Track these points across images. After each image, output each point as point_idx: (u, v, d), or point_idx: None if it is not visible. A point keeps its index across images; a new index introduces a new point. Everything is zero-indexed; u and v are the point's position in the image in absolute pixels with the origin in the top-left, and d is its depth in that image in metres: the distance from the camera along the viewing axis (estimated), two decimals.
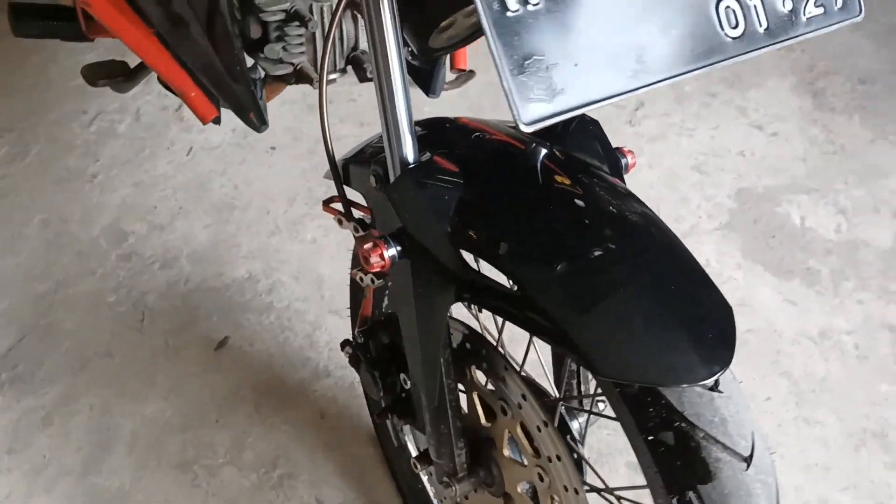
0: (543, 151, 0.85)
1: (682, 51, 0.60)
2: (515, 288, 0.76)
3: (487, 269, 0.78)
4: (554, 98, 0.57)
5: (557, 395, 1.00)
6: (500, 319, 0.94)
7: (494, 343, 0.93)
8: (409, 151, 0.83)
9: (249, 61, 1.13)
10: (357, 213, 0.98)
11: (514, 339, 0.95)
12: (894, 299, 1.62)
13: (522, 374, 0.91)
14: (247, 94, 1.08)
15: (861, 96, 2.01)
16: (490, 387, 0.95)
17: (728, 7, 0.60)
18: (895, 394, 1.44)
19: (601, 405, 0.95)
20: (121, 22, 1.00)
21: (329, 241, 1.69)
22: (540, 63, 0.55)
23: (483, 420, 0.99)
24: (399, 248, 0.82)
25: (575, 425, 0.97)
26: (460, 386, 0.96)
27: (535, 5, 0.54)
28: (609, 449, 1.34)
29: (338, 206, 1.03)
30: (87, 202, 1.72)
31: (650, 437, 0.73)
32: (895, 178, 1.82)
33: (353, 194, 0.98)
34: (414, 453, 1.29)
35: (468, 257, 0.81)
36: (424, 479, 1.25)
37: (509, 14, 0.54)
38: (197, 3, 1.01)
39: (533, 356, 0.97)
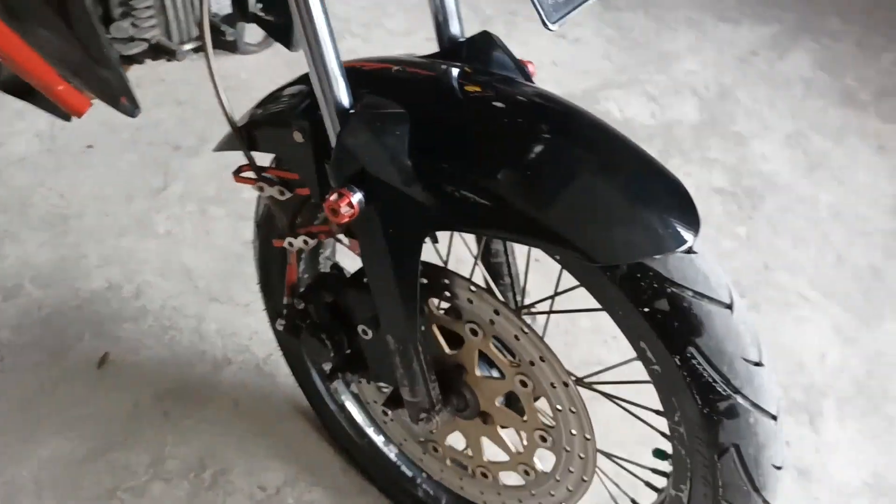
0: (456, 71, 0.87)
1: None
2: (487, 203, 0.78)
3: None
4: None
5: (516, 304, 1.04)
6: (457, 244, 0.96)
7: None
8: (345, 97, 0.81)
9: None
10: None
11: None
12: (714, 165, 1.80)
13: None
14: (117, 77, 0.99)
15: None
16: (451, 314, 0.97)
17: None
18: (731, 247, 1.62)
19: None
20: None
21: (184, 230, 1.59)
22: None
23: (447, 349, 1.00)
24: (363, 193, 0.81)
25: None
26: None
27: None
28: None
29: (250, 174, 0.99)
30: None
31: (646, 309, 0.79)
32: (686, 61, 2.01)
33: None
34: (357, 409, 1.29)
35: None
36: (388, 424, 1.23)
37: None
38: None
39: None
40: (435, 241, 0.99)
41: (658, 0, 2.17)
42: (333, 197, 0.80)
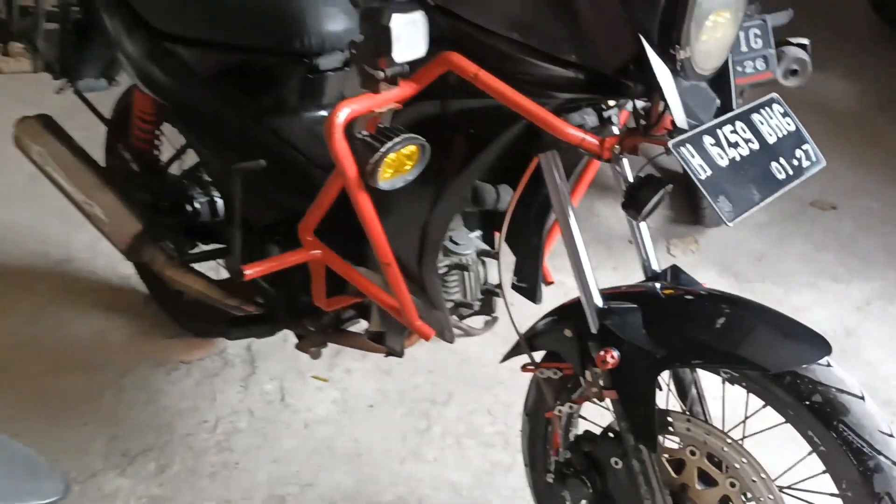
0: (659, 285, 1.46)
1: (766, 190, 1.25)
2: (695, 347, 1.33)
3: None
4: (735, 208, 1.18)
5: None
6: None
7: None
8: (599, 300, 1.40)
9: None
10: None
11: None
12: None
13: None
14: (445, 318, 1.62)
15: (763, 267, 2.78)
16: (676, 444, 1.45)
17: (777, 166, 1.27)
18: None
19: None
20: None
21: (446, 457, 2.14)
22: (725, 192, 1.18)
23: (672, 473, 1.47)
24: (618, 353, 1.37)
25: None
26: None
27: (712, 171, 1.18)
28: None
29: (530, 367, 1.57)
30: (242, 484, 2.10)
31: (807, 402, 1.27)
32: (812, 313, 2.54)
33: None
34: None
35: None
36: None
37: (704, 178, 1.17)
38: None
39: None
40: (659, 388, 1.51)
41: (780, 271, 2.75)
42: (601, 353, 1.36)
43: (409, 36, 1.19)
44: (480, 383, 2.36)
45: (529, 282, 1.76)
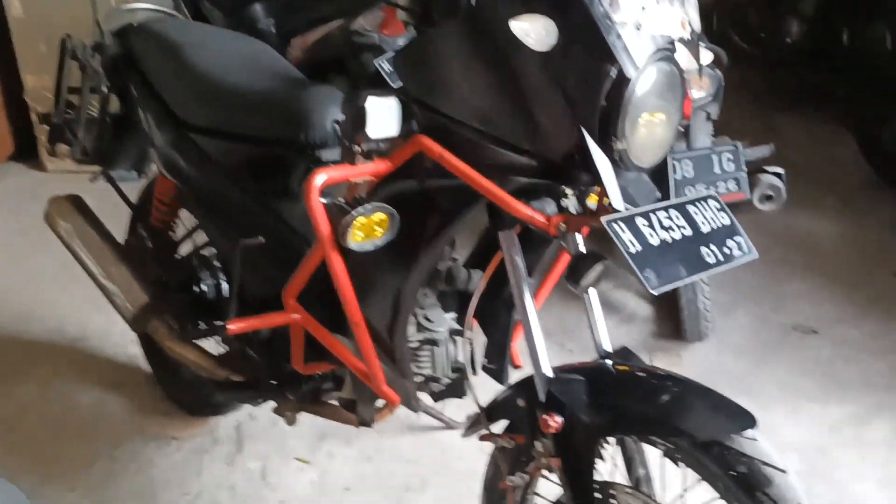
0: (611, 363, 1.58)
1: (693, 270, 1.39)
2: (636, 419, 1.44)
3: None
4: (660, 280, 1.32)
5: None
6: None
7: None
8: (549, 371, 1.53)
9: None
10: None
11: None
12: None
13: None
14: (413, 385, 1.74)
15: (739, 388, 2.86)
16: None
17: (707, 251, 1.42)
18: None
19: None
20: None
21: None
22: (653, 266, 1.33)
23: None
24: (561, 418, 1.47)
25: None
26: None
27: (642, 247, 1.33)
28: None
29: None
30: None
31: (732, 472, 1.37)
32: (784, 429, 2.60)
33: None
34: None
35: None
36: None
37: (633, 252, 1.32)
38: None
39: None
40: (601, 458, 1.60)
41: (754, 389, 2.83)
42: (545, 417, 1.47)
43: (382, 117, 1.39)
44: (456, 474, 2.43)
45: (498, 363, 1.89)
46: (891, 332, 3.13)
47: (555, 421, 1.47)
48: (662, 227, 1.41)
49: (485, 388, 1.72)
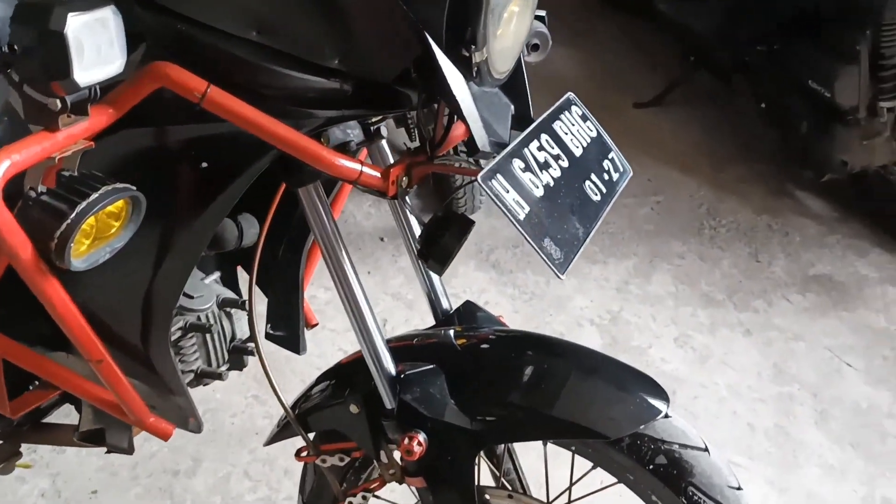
0: (452, 332, 1.19)
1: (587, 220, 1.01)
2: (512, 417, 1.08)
3: None
4: (564, 253, 0.93)
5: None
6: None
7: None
8: (392, 368, 1.10)
9: None
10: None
11: None
12: None
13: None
14: (187, 401, 1.23)
15: (520, 255, 2.64)
16: None
17: (590, 184, 1.04)
18: None
19: None
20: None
21: None
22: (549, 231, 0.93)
23: None
24: (425, 436, 1.08)
25: None
26: None
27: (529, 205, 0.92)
28: None
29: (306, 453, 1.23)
30: None
31: (650, 466, 1.07)
32: (577, 300, 2.44)
33: None
34: None
35: None
36: None
37: (523, 218, 0.91)
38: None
39: None
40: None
41: (538, 259, 2.63)
42: (406, 441, 1.06)
43: (96, 46, 0.78)
44: (231, 439, 1.97)
45: (289, 328, 1.42)
46: (645, 168, 3.06)
47: (419, 444, 1.07)
48: (540, 165, 1.00)
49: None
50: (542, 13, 1.76)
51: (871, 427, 2.13)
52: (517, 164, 0.96)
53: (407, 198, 1.08)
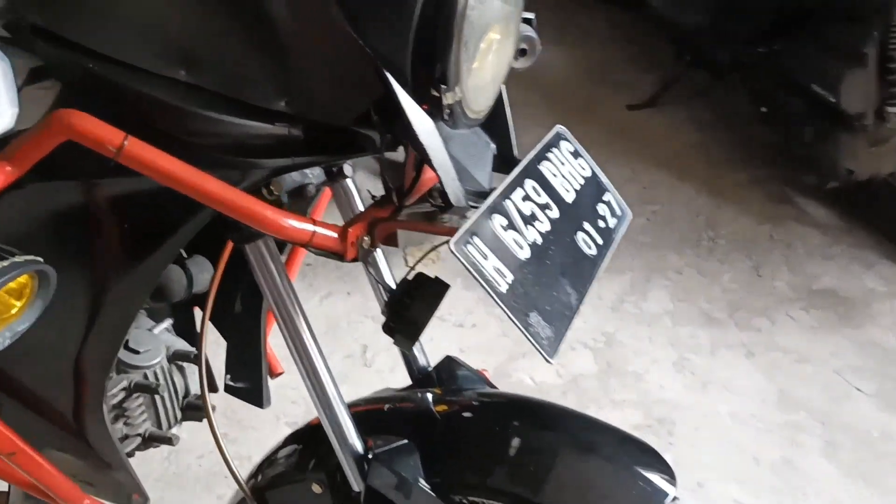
0: (430, 396, 1.05)
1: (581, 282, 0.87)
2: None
3: None
4: (554, 329, 0.79)
5: None
6: None
7: None
8: (358, 443, 0.96)
9: None
10: None
11: None
12: (624, 406, 2.04)
13: None
14: (128, 476, 1.09)
15: None
16: None
17: (584, 236, 0.89)
18: None
19: None
20: None
21: None
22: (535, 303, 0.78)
23: None
24: None
25: None
26: None
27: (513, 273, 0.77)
28: None
29: None
30: None
31: None
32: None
33: None
34: None
35: None
36: None
37: (504, 291, 0.76)
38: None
39: None
40: None
41: None
42: None
43: None
44: (198, 484, 1.83)
45: (251, 379, 1.28)
46: (639, 174, 2.92)
47: None
48: (525, 219, 0.85)
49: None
50: (531, 16, 1.58)
51: (884, 458, 2.00)
52: (498, 221, 0.81)
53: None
